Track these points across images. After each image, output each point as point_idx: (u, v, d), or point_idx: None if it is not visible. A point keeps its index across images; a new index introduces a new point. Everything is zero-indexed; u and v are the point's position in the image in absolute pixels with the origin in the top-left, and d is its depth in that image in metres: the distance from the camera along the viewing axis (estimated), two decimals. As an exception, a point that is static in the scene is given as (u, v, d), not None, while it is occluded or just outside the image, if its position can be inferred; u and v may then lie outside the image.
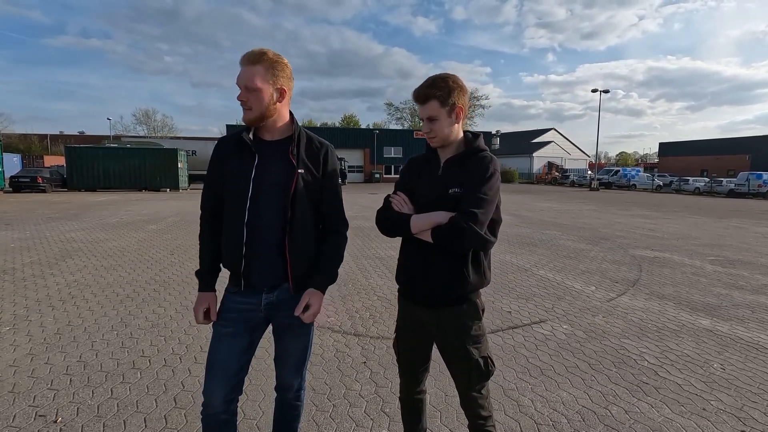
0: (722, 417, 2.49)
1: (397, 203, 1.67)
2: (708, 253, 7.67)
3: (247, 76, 1.51)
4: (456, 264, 1.59)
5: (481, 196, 1.51)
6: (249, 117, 1.57)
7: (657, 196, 26.83)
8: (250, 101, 1.53)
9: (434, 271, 1.61)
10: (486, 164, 1.58)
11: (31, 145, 52.82)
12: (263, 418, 2.43)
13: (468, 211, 1.48)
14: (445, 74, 1.61)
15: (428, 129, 1.63)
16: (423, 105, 1.61)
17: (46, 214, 12.40)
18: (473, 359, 1.62)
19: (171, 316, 4.08)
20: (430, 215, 1.56)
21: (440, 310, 1.65)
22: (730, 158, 47.48)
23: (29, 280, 5.25)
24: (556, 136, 60.40)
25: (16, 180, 21.79)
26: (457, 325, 1.64)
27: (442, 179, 1.63)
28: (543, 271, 6.13)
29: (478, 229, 1.48)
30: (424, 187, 1.67)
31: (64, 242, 7.91)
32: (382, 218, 1.70)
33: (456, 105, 1.59)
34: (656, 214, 14.66)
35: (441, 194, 1.60)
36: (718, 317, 4.24)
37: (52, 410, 2.48)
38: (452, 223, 1.49)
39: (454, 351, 1.66)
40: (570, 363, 3.20)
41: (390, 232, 1.67)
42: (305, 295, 1.61)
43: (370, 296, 4.83)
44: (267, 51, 1.54)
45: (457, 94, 1.59)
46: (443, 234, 1.51)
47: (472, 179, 1.55)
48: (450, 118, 1.60)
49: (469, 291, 1.62)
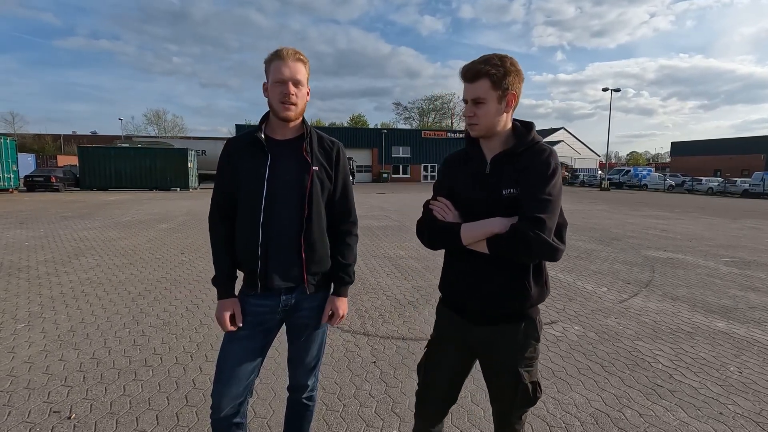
0: (740, 422, 2.44)
1: (440, 210, 1.44)
2: (723, 254, 7.53)
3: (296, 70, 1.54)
4: (516, 276, 1.38)
5: (545, 197, 1.29)
6: (294, 113, 1.56)
7: (669, 197, 26.46)
8: (299, 96, 1.55)
9: (490, 285, 1.40)
10: (546, 159, 1.34)
11: (45, 146, 53.72)
12: (273, 417, 2.43)
13: (533, 217, 1.26)
14: (501, 54, 1.36)
15: (471, 113, 1.38)
16: (471, 83, 1.36)
17: (59, 213, 12.59)
18: (522, 383, 1.42)
19: (182, 314, 4.11)
20: (485, 223, 1.34)
21: (494, 327, 1.44)
22: (745, 158, 46.64)
23: (43, 278, 5.33)
24: (565, 135, 59.88)
25: (31, 179, 22.19)
26: (511, 344, 1.43)
27: (492, 179, 1.39)
28: (554, 271, 6.07)
29: (547, 237, 1.27)
30: (468, 189, 1.43)
31: (77, 240, 8.02)
32: (426, 229, 1.46)
33: (509, 90, 1.35)
34: (669, 215, 14.45)
35: (492, 197, 1.37)
36: (734, 319, 4.16)
37: (66, 407, 2.51)
38: (516, 232, 1.27)
39: (502, 371, 1.45)
40: (582, 365, 3.16)
41: (435, 245, 1.46)
42: (329, 304, 1.68)
43: (380, 296, 4.82)
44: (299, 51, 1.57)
45: (513, 78, 1.35)
46: (504, 244, 1.30)
47: (531, 178, 1.32)
48: (500, 104, 1.36)
49: (529, 306, 1.41)
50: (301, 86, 1.55)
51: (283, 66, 1.50)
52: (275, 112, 1.56)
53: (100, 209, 13.77)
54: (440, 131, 47.98)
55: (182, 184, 25.35)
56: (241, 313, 1.63)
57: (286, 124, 1.60)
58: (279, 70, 1.50)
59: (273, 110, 1.57)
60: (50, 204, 15.41)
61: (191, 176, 25.90)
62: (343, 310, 1.69)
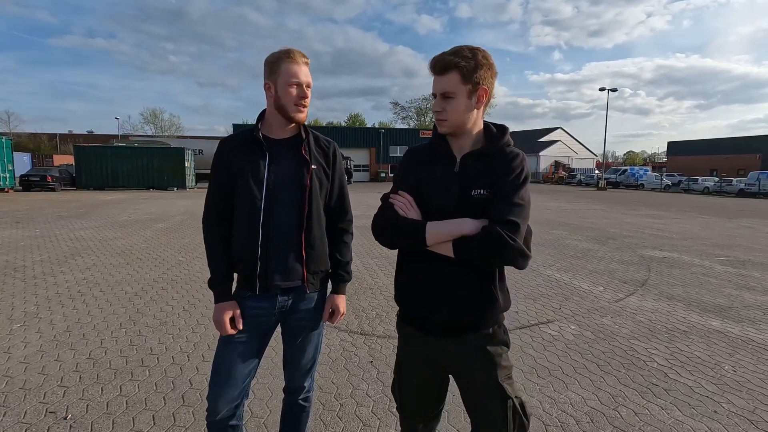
0: (734, 420, 2.46)
1: (402, 206, 1.34)
2: (718, 253, 7.57)
3: (308, 74, 1.57)
4: (485, 283, 1.31)
5: (518, 202, 1.24)
6: (305, 114, 1.59)
7: (665, 196, 26.56)
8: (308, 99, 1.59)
9: (457, 293, 1.31)
10: (519, 164, 1.29)
11: (40, 145, 53.50)
12: (270, 416, 2.43)
13: (507, 220, 1.21)
14: (474, 46, 1.28)
15: (440, 108, 1.30)
16: (440, 76, 1.28)
17: (55, 212, 12.54)
18: (509, 398, 1.31)
19: (179, 314, 4.10)
20: (454, 223, 1.26)
21: (462, 337, 1.34)
22: (741, 157, 46.89)
23: (39, 278, 5.31)
24: (563, 135, 60.06)
25: (26, 179, 22.10)
26: (484, 355, 1.33)
27: (460, 178, 1.32)
28: (550, 271, 6.09)
29: (519, 242, 1.21)
30: (435, 188, 1.34)
31: (73, 240, 7.99)
32: (383, 224, 1.35)
33: (480, 85, 1.27)
34: (665, 214, 14.50)
35: (461, 197, 1.29)
36: (729, 318, 4.18)
37: (62, 407, 2.50)
38: (489, 234, 1.20)
39: (481, 388, 1.34)
40: (578, 364, 3.17)
41: (394, 243, 1.34)
42: (328, 302, 1.70)
43: (377, 295, 4.83)
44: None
45: (484, 72, 1.27)
46: (474, 247, 1.22)
47: (504, 180, 1.27)
48: (470, 99, 1.28)
49: (497, 313, 1.35)
50: (310, 89, 1.58)
51: (299, 69, 1.52)
52: (287, 113, 1.54)
53: (97, 209, 13.72)
54: (438, 131, 48.17)
55: (179, 183, 25.29)
56: (240, 315, 1.59)
57: (285, 124, 1.59)
58: (295, 73, 1.51)
59: (284, 110, 1.54)
60: (46, 203, 15.34)
61: (188, 176, 25.86)
62: (343, 308, 1.72)
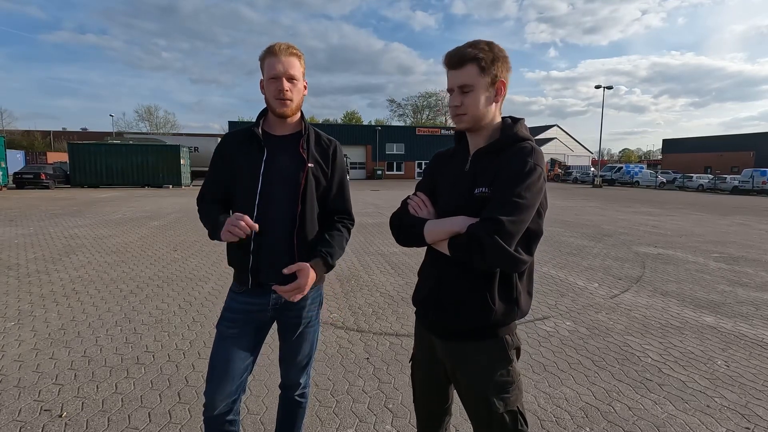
0: (726, 414, 2.49)
1: (415, 206, 1.36)
2: (712, 250, 7.63)
3: (289, 65, 1.51)
4: (477, 286, 1.24)
5: (513, 199, 1.15)
6: (290, 108, 1.55)
7: (660, 193, 26.72)
8: (294, 91, 1.54)
9: (448, 293, 1.28)
10: (524, 157, 1.20)
11: (34, 142, 52.95)
12: (267, 413, 2.43)
13: (492, 219, 1.12)
14: (488, 40, 1.26)
15: (458, 102, 1.25)
16: (457, 70, 1.23)
17: (49, 210, 12.44)
18: (495, 413, 1.25)
19: (174, 311, 4.09)
20: (448, 221, 1.23)
21: (455, 343, 1.31)
22: (734, 155, 47.16)
23: (33, 276, 5.27)
24: (558, 132, 60.21)
25: (20, 176, 21.87)
26: (474, 366, 1.28)
27: (468, 176, 1.28)
28: (546, 267, 6.12)
29: (504, 243, 1.12)
30: (447, 187, 1.34)
31: (67, 238, 7.94)
32: (396, 224, 1.39)
33: (498, 78, 1.24)
34: (660, 211, 14.60)
35: (465, 196, 1.26)
36: (722, 314, 4.22)
37: (57, 405, 2.49)
38: (469, 234, 1.15)
39: (469, 397, 1.31)
40: (573, 359, 3.19)
41: (404, 241, 1.36)
42: (295, 265, 1.48)
43: (373, 293, 4.83)
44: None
45: (502, 65, 1.24)
46: (460, 246, 1.18)
47: (503, 176, 1.19)
48: (488, 92, 1.24)
49: (492, 323, 1.25)
50: (296, 81, 1.54)
51: (277, 62, 1.49)
52: (272, 109, 1.56)
53: (91, 206, 13.63)
54: (434, 128, 48.00)
55: (174, 181, 25.12)
56: (223, 309, 1.61)
57: (284, 120, 1.59)
58: (272, 67, 1.50)
59: (270, 107, 1.56)
60: (40, 201, 15.22)
61: (183, 173, 25.67)
62: (303, 281, 1.47)
